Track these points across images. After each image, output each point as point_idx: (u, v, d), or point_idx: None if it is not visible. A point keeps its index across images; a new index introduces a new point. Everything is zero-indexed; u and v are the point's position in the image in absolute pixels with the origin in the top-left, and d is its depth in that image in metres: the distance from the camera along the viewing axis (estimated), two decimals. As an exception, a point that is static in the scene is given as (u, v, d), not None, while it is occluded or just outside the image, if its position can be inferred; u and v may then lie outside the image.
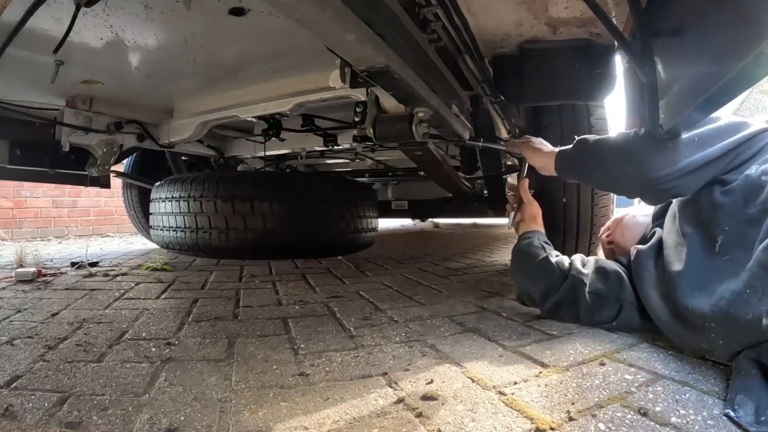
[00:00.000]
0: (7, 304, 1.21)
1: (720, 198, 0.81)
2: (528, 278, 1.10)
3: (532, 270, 1.08)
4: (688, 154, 0.82)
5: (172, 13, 1.02)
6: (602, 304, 0.99)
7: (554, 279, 1.04)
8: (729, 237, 0.77)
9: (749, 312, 0.64)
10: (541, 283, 1.06)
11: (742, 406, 0.58)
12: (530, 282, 1.09)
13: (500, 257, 2.37)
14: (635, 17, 0.72)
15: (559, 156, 1.05)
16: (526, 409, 0.62)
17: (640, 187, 0.90)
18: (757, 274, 0.65)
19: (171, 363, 0.79)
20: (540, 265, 1.07)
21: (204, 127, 1.74)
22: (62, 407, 0.61)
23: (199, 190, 2.02)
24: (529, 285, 1.09)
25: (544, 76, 1.21)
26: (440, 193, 2.76)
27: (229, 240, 2.01)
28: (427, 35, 0.89)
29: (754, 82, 0.53)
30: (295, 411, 0.62)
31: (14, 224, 3.80)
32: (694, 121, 0.79)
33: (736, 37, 0.51)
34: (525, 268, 1.11)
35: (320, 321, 1.08)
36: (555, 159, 1.06)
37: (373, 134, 1.03)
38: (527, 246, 1.13)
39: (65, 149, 1.69)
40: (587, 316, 1.00)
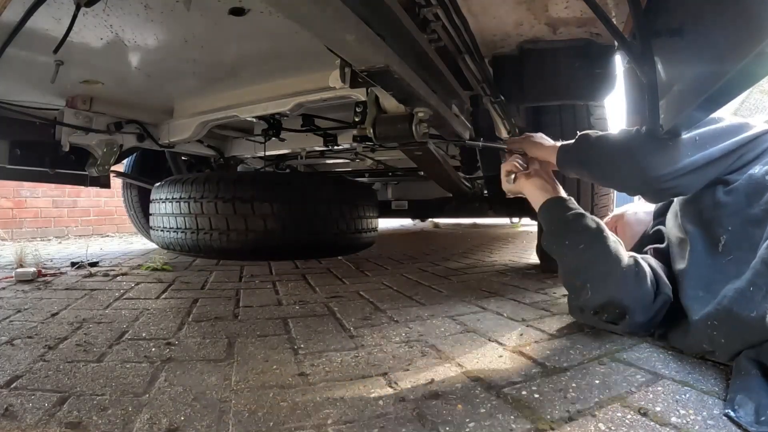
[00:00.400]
0: (7, 304, 1.21)
1: (723, 197, 0.81)
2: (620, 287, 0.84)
3: (625, 276, 0.84)
4: (689, 154, 0.82)
5: (172, 13, 1.02)
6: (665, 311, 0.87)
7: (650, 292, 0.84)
8: (732, 237, 0.77)
9: (753, 310, 0.64)
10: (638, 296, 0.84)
11: (742, 406, 0.58)
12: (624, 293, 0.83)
13: (500, 257, 2.37)
14: (635, 17, 0.72)
15: (561, 150, 1.04)
16: (526, 409, 0.61)
17: (640, 184, 0.90)
18: (761, 272, 0.65)
19: (171, 363, 0.79)
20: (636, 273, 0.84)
21: (204, 127, 1.74)
22: (62, 407, 0.61)
23: (200, 191, 2.02)
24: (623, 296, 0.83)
25: (544, 76, 1.21)
26: (440, 193, 2.76)
27: (230, 241, 2.01)
28: (427, 35, 0.88)
29: (754, 82, 0.53)
30: (295, 411, 0.62)
31: (14, 224, 3.80)
32: (695, 121, 0.79)
33: (736, 37, 0.51)
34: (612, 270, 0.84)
35: (320, 321, 1.08)
36: (557, 152, 1.05)
37: (373, 134, 1.03)
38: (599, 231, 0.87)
39: (65, 149, 1.69)
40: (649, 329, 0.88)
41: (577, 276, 0.90)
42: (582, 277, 0.89)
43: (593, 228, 0.89)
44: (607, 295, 0.85)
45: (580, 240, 0.89)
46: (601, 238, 0.87)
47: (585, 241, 0.88)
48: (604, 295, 0.85)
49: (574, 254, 0.89)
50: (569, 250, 0.90)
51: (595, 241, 0.87)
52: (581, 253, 0.88)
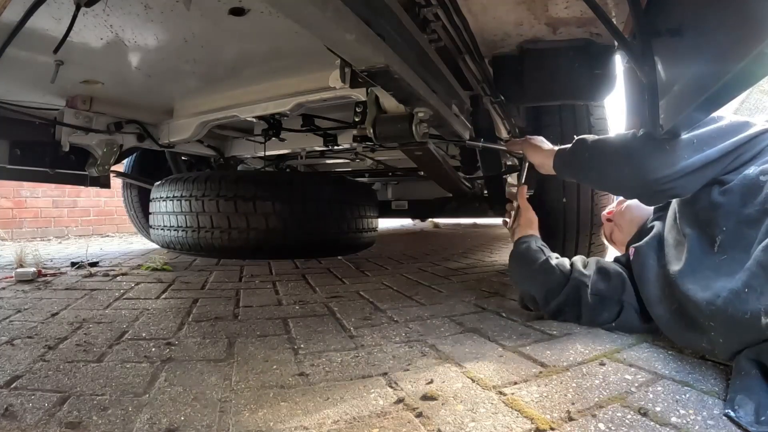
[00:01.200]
0: (7, 304, 1.21)
1: (718, 198, 0.81)
2: (529, 281, 1.09)
3: (533, 272, 1.07)
4: (686, 156, 0.82)
5: (172, 13, 1.02)
6: (604, 305, 0.99)
7: (556, 281, 1.03)
8: (727, 237, 0.77)
9: (747, 311, 0.64)
10: (543, 285, 1.05)
11: (742, 406, 0.58)
12: (532, 284, 1.08)
13: (500, 257, 2.37)
14: (635, 17, 0.72)
15: (557, 155, 1.05)
16: (526, 409, 0.61)
17: (637, 188, 0.90)
18: (756, 273, 0.65)
19: (171, 363, 0.79)
20: (541, 268, 1.06)
21: (204, 127, 1.74)
22: (62, 407, 0.61)
23: (202, 189, 2.02)
24: (531, 287, 1.08)
25: (544, 76, 1.21)
26: (440, 193, 2.76)
27: (231, 240, 2.01)
28: (427, 35, 0.89)
29: (754, 82, 0.53)
30: (295, 411, 0.62)
31: (14, 224, 3.80)
32: (694, 121, 0.79)
33: (736, 37, 0.51)
34: (525, 271, 1.10)
35: (320, 321, 1.08)
36: (553, 157, 1.06)
37: (373, 134, 1.03)
38: (526, 249, 1.13)
39: (65, 149, 1.69)
40: (588, 317, 1.00)
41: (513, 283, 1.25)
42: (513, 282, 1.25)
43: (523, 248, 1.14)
44: (521, 289, 1.14)
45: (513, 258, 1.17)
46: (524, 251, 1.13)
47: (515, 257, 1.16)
48: (520, 290, 1.15)
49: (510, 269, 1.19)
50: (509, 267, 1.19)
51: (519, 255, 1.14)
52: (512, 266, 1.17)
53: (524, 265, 1.11)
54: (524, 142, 1.18)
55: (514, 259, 1.16)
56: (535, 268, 1.07)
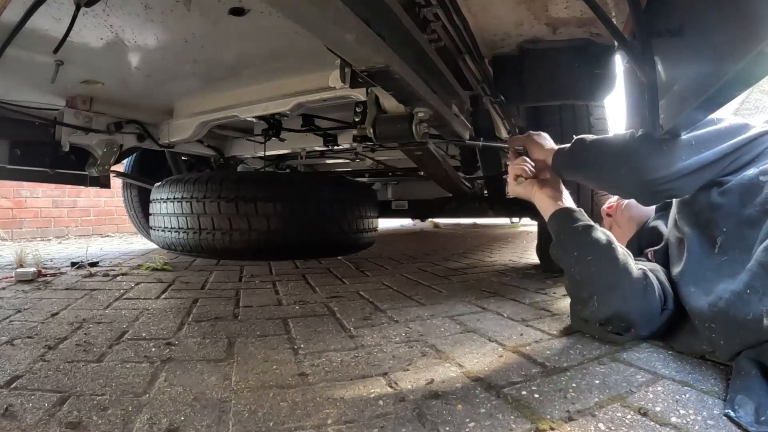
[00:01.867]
0: (7, 304, 1.21)
1: (717, 199, 0.81)
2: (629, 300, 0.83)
3: (634, 290, 0.83)
4: (684, 157, 0.82)
5: (172, 13, 1.02)
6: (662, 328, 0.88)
7: (658, 306, 0.85)
8: (728, 238, 0.77)
9: (750, 312, 0.64)
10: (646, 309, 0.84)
11: (742, 406, 0.58)
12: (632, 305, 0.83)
13: (500, 257, 2.37)
14: (635, 17, 0.72)
15: (556, 154, 1.05)
16: (526, 409, 0.62)
17: (635, 188, 0.90)
18: (758, 274, 0.65)
19: (171, 363, 0.79)
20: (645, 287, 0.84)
21: (204, 127, 1.74)
22: (62, 407, 0.61)
23: (203, 191, 2.02)
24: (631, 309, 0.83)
25: (544, 76, 1.20)
26: (440, 193, 2.76)
27: (232, 241, 2.01)
28: (427, 35, 0.88)
29: (754, 82, 0.53)
30: (295, 411, 0.62)
31: (14, 224, 3.80)
32: (694, 121, 0.79)
33: (736, 37, 0.51)
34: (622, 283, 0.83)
35: (320, 321, 1.08)
36: (552, 156, 1.06)
37: (373, 134, 1.03)
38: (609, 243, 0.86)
39: (65, 149, 1.69)
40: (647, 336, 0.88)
41: (585, 288, 0.88)
42: (589, 289, 0.87)
43: (603, 241, 0.88)
44: (613, 308, 0.84)
45: (589, 252, 0.87)
46: (610, 250, 0.86)
47: (593, 253, 0.87)
48: (610, 308, 0.84)
49: (581, 266, 0.88)
50: (577, 261, 0.89)
51: (604, 254, 0.86)
52: (589, 265, 0.87)
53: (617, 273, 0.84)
54: (527, 137, 1.16)
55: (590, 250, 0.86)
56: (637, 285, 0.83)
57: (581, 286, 0.89)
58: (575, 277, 0.90)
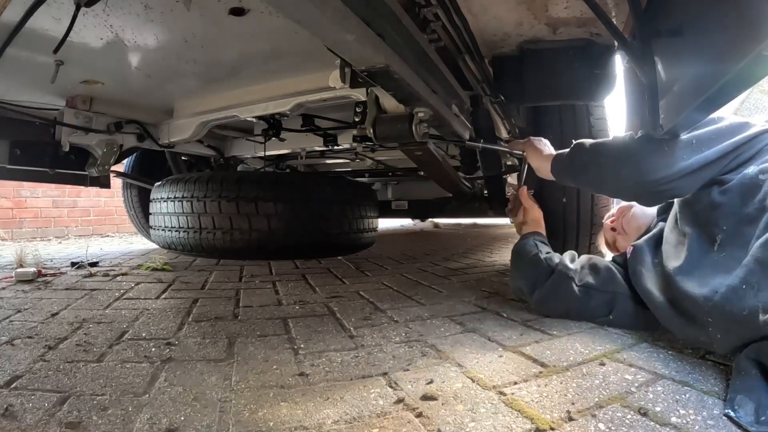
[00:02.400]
0: (7, 304, 1.21)
1: (718, 198, 0.81)
2: (520, 273, 1.19)
3: (524, 265, 1.17)
4: (685, 157, 0.82)
5: (172, 13, 1.02)
6: (591, 296, 1.03)
7: (541, 273, 1.11)
8: (727, 236, 0.77)
9: (745, 307, 0.64)
10: (529, 277, 1.13)
11: (742, 406, 0.58)
12: (521, 276, 1.17)
13: (500, 257, 2.37)
14: (635, 17, 0.72)
15: (555, 159, 1.06)
16: (526, 409, 0.62)
17: (636, 189, 0.90)
18: (753, 269, 0.65)
19: (171, 363, 0.79)
20: (530, 261, 1.15)
21: (204, 127, 1.74)
22: (62, 407, 0.61)
23: (204, 190, 2.02)
24: (520, 280, 1.17)
25: (544, 76, 1.21)
26: (440, 193, 2.76)
27: (233, 240, 2.01)
28: (427, 35, 0.89)
29: (754, 82, 0.53)
30: (295, 411, 0.62)
31: (14, 224, 3.80)
32: (694, 121, 0.79)
33: (736, 37, 0.51)
34: (518, 265, 1.20)
35: (320, 321, 1.08)
36: (551, 162, 1.06)
37: (373, 134, 1.03)
38: (522, 245, 1.22)
39: (65, 149, 1.69)
40: (576, 309, 1.04)
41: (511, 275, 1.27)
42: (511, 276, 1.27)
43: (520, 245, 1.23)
44: (514, 282, 1.23)
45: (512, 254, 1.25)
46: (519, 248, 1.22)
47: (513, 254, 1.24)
48: (513, 283, 1.24)
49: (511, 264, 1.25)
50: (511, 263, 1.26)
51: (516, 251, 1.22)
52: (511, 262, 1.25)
53: (518, 259, 1.21)
54: (526, 143, 1.18)
55: (513, 254, 1.25)
56: (526, 262, 1.16)
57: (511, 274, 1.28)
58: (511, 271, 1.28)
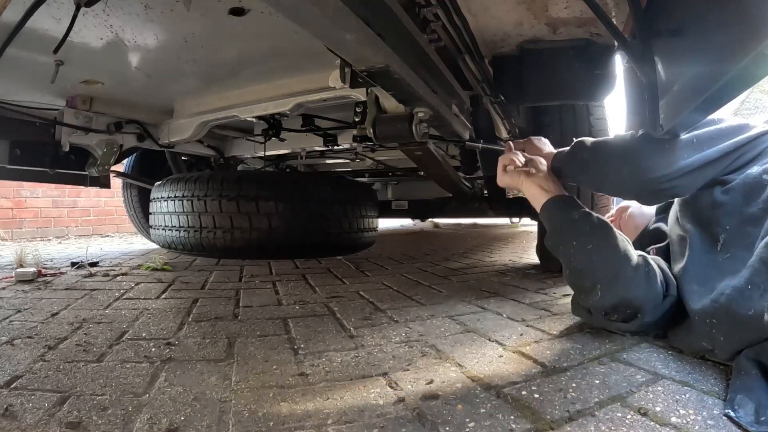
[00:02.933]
0: (7, 304, 1.21)
1: (720, 197, 0.81)
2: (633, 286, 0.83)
3: (638, 276, 0.83)
4: (686, 156, 0.82)
5: (172, 13, 1.02)
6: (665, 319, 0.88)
7: (659, 294, 0.84)
8: (730, 236, 0.77)
9: (750, 308, 0.64)
10: (650, 295, 0.83)
11: (742, 406, 0.58)
12: (637, 292, 0.83)
13: (500, 257, 2.37)
14: (635, 17, 0.72)
15: (555, 157, 1.04)
16: (526, 409, 0.62)
17: (637, 187, 0.90)
18: (759, 270, 0.65)
19: (171, 363, 0.79)
20: (647, 272, 0.84)
21: (204, 127, 1.74)
22: (62, 407, 0.61)
23: (204, 189, 2.02)
24: (637, 295, 0.83)
25: (544, 76, 1.21)
26: (440, 193, 2.76)
27: (233, 239, 2.01)
28: (427, 35, 0.88)
29: (754, 82, 0.53)
30: (295, 411, 0.62)
31: (14, 224, 3.80)
32: (694, 121, 0.79)
33: (736, 37, 0.51)
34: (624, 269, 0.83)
35: (320, 321, 1.08)
36: (551, 160, 1.05)
37: (373, 134, 1.03)
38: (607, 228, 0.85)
39: (65, 149, 1.69)
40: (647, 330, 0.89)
41: (587, 277, 0.88)
42: (591, 279, 0.87)
43: (601, 228, 0.87)
44: (618, 295, 0.83)
45: (589, 240, 0.86)
46: (610, 238, 0.85)
47: (593, 241, 0.86)
48: (615, 296, 0.84)
49: (582, 255, 0.87)
50: (577, 251, 0.87)
51: (604, 242, 0.85)
52: (590, 253, 0.86)
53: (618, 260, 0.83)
54: (527, 141, 1.16)
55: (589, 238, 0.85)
56: (640, 270, 0.83)
57: (583, 276, 0.89)
58: (576, 266, 0.89)
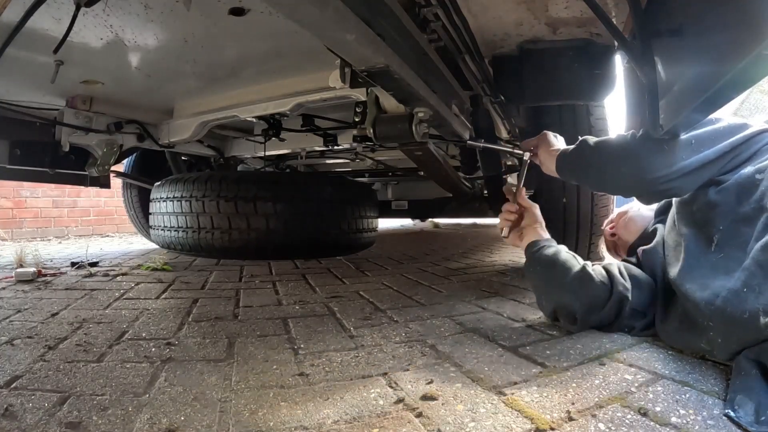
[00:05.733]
0: (7, 304, 1.21)
1: (715, 197, 0.82)
2: (566, 293, 0.96)
3: (570, 283, 0.95)
4: (684, 157, 0.82)
5: (172, 13, 1.02)
6: (636, 318, 0.94)
7: (599, 294, 0.93)
8: (724, 235, 0.78)
9: (746, 310, 0.64)
10: (584, 298, 0.93)
11: (742, 406, 0.58)
12: (569, 297, 0.95)
13: (500, 257, 2.37)
14: (635, 17, 0.72)
15: (560, 156, 1.05)
16: (526, 409, 0.62)
17: (636, 187, 0.91)
18: (755, 273, 0.65)
19: (171, 363, 0.79)
20: (580, 278, 0.94)
21: (204, 127, 1.74)
22: (62, 407, 0.61)
23: (202, 190, 2.02)
24: (569, 301, 0.95)
25: (544, 76, 1.21)
26: (440, 193, 2.76)
27: (231, 240, 2.01)
28: (427, 35, 0.89)
29: (754, 82, 0.53)
30: (295, 411, 0.62)
31: (14, 224, 3.80)
32: (694, 121, 0.79)
33: (736, 37, 0.51)
34: (558, 281, 0.97)
35: (320, 321, 1.08)
36: (556, 158, 1.05)
37: (373, 134, 1.03)
38: (554, 255, 1.00)
39: (65, 149, 1.69)
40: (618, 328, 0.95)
41: (537, 292, 1.08)
42: (538, 292, 1.07)
43: (549, 253, 1.02)
44: (553, 301, 1.00)
45: (537, 264, 1.03)
46: (553, 258, 1.00)
47: (541, 264, 1.02)
48: (551, 302, 1.01)
49: (534, 276, 1.05)
50: (531, 274, 1.06)
51: (548, 262, 1.01)
52: (538, 274, 1.03)
53: (555, 274, 0.98)
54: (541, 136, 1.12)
55: (539, 265, 1.02)
56: (572, 278, 0.95)
57: (536, 292, 1.09)
58: (533, 286, 1.09)
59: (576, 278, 0.95)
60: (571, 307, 0.95)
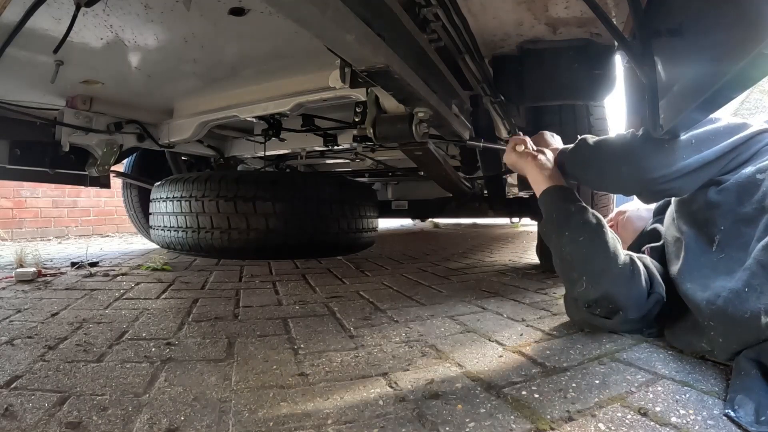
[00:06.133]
0: (7, 304, 1.21)
1: (715, 197, 0.82)
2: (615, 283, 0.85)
3: (619, 273, 0.85)
4: (684, 156, 0.82)
5: (172, 13, 1.02)
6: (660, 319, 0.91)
7: (643, 292, 0.86)
8: (725, 236, 0.77)
9: (747, 310, 0.64)
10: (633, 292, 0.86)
11: (742, 406, 0.58)
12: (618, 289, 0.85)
13: (500, 257, 2.37)
14: (635, 17, 0.72)
15: (560, 153, 1.05)
16: (526, 409, 0.62)
17: (636, 186, 0.91)
18: (756, 273, 0.65)
19: (171, 363, 0.79)
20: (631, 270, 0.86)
21: (204, 127, 1.74)
22: (62, 407, 0.61)
23: (201, 190, 2.02)
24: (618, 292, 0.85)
25: (544, 76, 1.21)
26: (440, 193, 2.75)
27: (231, 240, 2.01)
28: (427, 35, 0.89)
29: (754, 82, 0.53)
30: (295, 411, 0.62)
31: (14, 224, 3.80)
32: (694, 121, 0.79)
33: (736, 37, 0.51)
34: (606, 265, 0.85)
35: (320, 321, 1.08)
36: (556, 156, 1.05)
37: (373, 134, 1.03)
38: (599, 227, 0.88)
39: (65, 149, 1.69)
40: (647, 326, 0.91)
41: (574, 268, 0.91)
42: (579, 270, 0.90)
43: (594, 223, 0.90)
44: (601, 290, 0.87)
45: (580, 233, 0.90)
46: (601, 234, 0.89)
47: (585, 234, 0.89)
48: (598, 290, 0.87)
49: (572, 246, 0.90)
50: (568, 241, 0.91)
51: (595, 237, 0.88)
52: (580, 246, 0.89)
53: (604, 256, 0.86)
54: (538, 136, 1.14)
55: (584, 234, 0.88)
56: (622, 268, 0.85)
57: (571, 266, 0.92)
58: (565, 256, 0.92)
59: (627, 271, 0.86)
60: (618, 300, 0.85)
